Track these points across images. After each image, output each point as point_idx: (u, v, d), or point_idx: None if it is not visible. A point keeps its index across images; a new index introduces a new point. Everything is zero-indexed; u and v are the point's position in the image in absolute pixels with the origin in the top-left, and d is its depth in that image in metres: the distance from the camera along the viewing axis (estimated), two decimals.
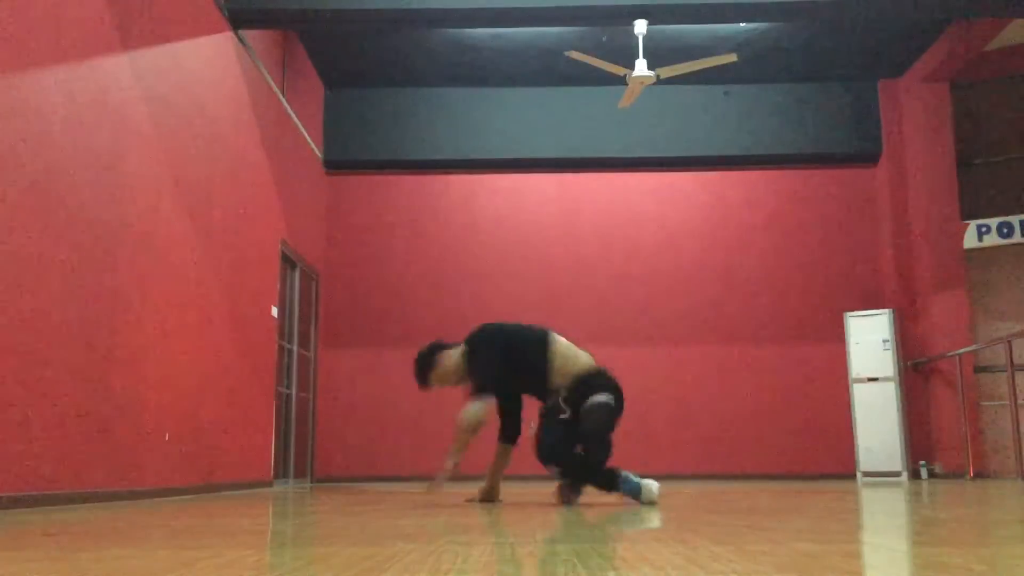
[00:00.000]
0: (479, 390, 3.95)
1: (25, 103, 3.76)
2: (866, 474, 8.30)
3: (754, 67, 8.72)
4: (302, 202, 8.23)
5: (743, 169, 9.26)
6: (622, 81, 7.15)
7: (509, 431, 4.15)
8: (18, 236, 3.68)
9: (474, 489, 4.44)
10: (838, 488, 5.88)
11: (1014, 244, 8.51)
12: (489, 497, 4.13)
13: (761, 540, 1.99)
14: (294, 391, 8.05)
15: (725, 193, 9.24)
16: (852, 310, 8.73)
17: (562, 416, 3.88)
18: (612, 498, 3.96)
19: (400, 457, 8.73)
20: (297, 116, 8.05)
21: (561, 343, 4.05)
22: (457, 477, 3.99)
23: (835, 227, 9.15)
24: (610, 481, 3.83)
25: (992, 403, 8.31)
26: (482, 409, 3.91)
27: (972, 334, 8.42)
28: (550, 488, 3.96)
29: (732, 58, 6.93)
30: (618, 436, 3.97)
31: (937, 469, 8.36)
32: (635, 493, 3.77)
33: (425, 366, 4.12)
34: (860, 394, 8.40)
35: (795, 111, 9.14)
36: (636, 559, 1.62)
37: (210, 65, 5.95)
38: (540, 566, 1.51)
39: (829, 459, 8.66)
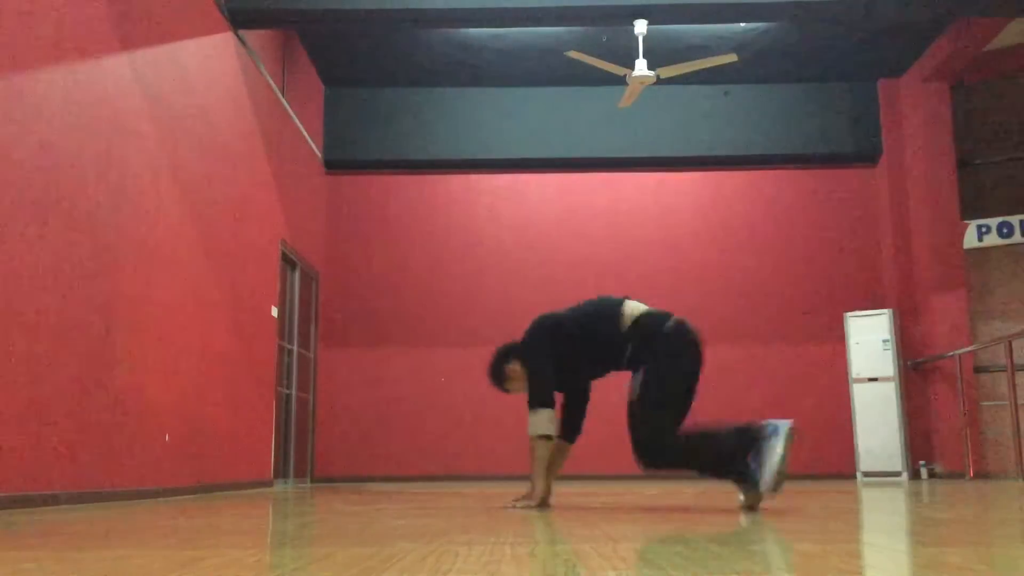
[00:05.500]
0: (537, 402, 3.52)
1: (25, 103, 3.76)
2: (866, 474, 8.29)
3: (754, 67, 8.71)
4: (302, 202, 8.23)
5: (743, 169, 9.25)
6: (622, 81, 7.15)
7: (569, 428, 3.73)
8: (17, 236, 3.68)
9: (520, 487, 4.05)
10: (838, 488, 5.88)
11: (1014, 244, 8.51)
12: (543, 501, 3.56)
13: (761, 540, 1.99)
14: (294, 391, 8.05)
15: (725, 193, 9.23)
16: (852, 310, 8.73)
17: (633, 399, 3.37)
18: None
19: (400, 457, 8.73)
20: (297, 116, 8.04)
21: (629, 305, 3.52)
22: (545, 504, 3.57)
23: (835, 227, 9.15)
24: (718, 463, 3.27)
25: (992, 403, 8.31)
26: (545, 421, 3.50)
27: (972, 334, 8.42)
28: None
29: (732, 58, 6.93)
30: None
31: (937, 469, 8.35)
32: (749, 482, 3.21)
33: (497, 381, 3.75)
34: (860, 394, 8.39)
35: (795, 111, 9.13)
36: (636, 559, 1.62)
37: (210, 65, 5.94)
38: (540, 566, 1.51)
39: (829, 459, 8.65)
